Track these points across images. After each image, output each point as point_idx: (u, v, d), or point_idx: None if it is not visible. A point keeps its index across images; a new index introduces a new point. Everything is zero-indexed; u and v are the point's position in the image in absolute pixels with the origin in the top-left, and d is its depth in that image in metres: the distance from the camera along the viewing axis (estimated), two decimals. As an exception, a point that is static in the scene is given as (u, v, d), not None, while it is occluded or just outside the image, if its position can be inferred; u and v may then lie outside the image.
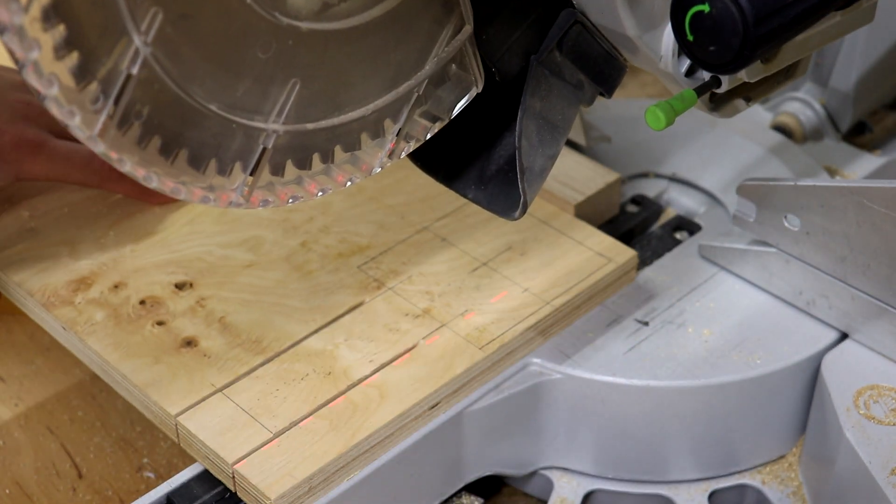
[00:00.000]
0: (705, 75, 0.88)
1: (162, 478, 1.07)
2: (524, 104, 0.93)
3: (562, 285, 1.09)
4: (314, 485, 0.94)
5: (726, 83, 0.88)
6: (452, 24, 0.85)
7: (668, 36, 0.88)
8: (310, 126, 0.83)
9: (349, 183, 0.87)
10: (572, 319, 1.10)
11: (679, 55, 0.88)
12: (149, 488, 1.00)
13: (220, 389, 0.99)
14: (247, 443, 0.95)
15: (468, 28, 0.85)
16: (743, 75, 0.87)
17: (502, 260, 1.12)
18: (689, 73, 0.89)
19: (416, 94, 0.87)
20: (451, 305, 1.07)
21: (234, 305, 1.07)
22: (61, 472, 1.12)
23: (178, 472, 0.99)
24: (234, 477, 0.94)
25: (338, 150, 0.86)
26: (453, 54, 0.86)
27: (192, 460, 0.99)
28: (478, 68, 0.87)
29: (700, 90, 0.87)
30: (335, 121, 0.84)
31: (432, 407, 1.00)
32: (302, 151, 0.85)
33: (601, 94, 0.95)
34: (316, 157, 0.86)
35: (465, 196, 0.96)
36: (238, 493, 0.95)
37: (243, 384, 1.00)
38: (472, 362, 1.02)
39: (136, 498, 0.97)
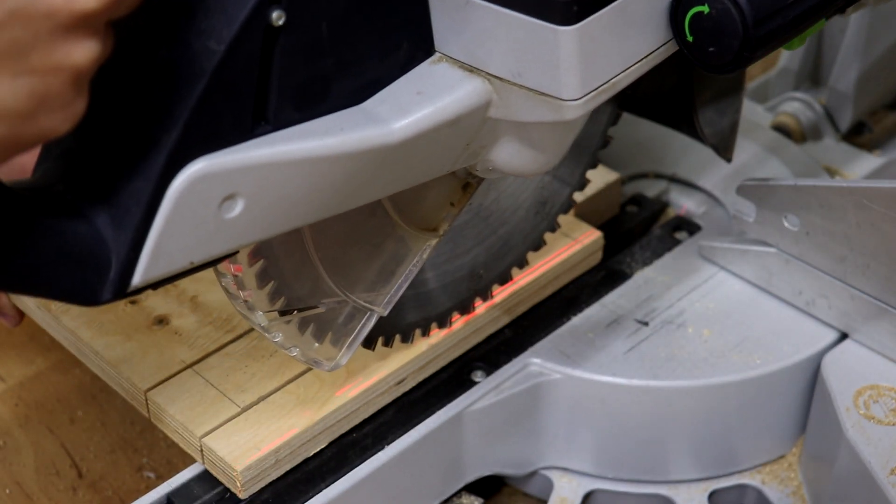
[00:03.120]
0: None
1: (162, 478, 1.07)
2: (695, 107, 1.04)
3: (527, 265, 1.10)
4: (280, 458, 0.96)
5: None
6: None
7: None
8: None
9: None
10: (538, 298, 1.12)
11: None
12: (149, 488, 1.00)
13: (191, 366, 1.02)
14: (215, 417, 0.97)
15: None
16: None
17: None
18: None
19: None
20: None
21: (205, 284, 1.08)
22: (61, 472, 1.12)
23: (178, 472, 0.99)
24: (202, 450, 0.96)
25: None
26: None
27: (192, 460, 0.99)
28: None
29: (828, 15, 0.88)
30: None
31: (398, 383, 1.02)
32: None
33: None
34: None
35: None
36: (206, 466, 0.97)
37: (213, 360, 1.02)
38: (437, 339, 1.04)
39: (136, 498, 0.97)
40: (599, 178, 1.21)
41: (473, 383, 1.05)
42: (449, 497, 1.07)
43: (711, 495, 1.10)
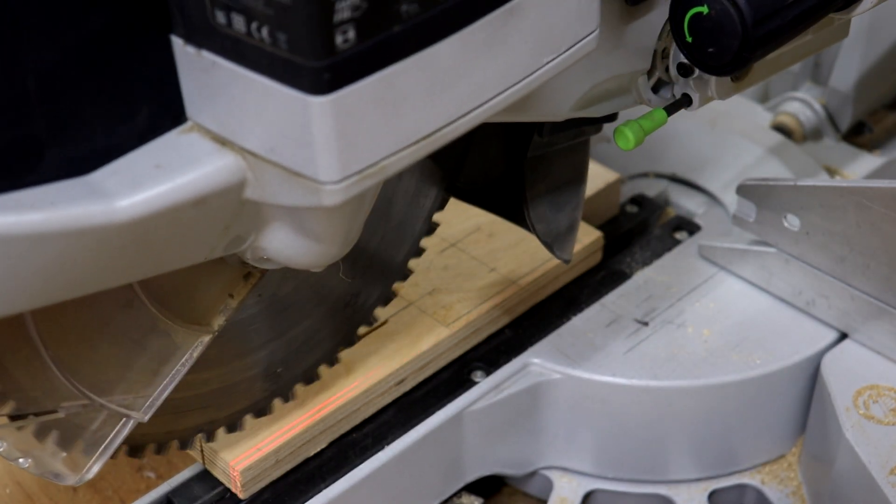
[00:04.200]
0: (676, 92, 0.87)
1: (162, 478, 1.07)
2: (526, 199, 0.96)
3: (528, 265, 1.11)
4: (280, 458, 0.96)
5: (697, 102, 0.87)
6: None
7: None
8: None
9: None
10: (538, 298, 1.12)
11: (649, 75, 0.88)
12: (149, 488, 1.00)
13: None
14: None
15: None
16: (714, 94, 0.87)
17: (471, 241, 1.14)
18: (657, 90, 0.88)
19: None
20: (419, 284, 1.09)
21: None
22: (62, 472, 1.12)
23: (178, 472, 1.00)
24: (202, 450, 0.96)
25: None
26: None
27: (192, 460, 0.99)
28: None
29: (670, 109, 0.86)
30: None
31: (398, 383, 1.03)
32: None
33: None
34: None
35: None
36: (206, 466, 0.97)
37: None
38: (437, 339, 1.04)
39: (136, 498, 0.97)
40: (599, 178, 1.21)
41: (473, 383, 1.05)
42: (449, 497, 1.07)
43: (711, 495, 1.10)
